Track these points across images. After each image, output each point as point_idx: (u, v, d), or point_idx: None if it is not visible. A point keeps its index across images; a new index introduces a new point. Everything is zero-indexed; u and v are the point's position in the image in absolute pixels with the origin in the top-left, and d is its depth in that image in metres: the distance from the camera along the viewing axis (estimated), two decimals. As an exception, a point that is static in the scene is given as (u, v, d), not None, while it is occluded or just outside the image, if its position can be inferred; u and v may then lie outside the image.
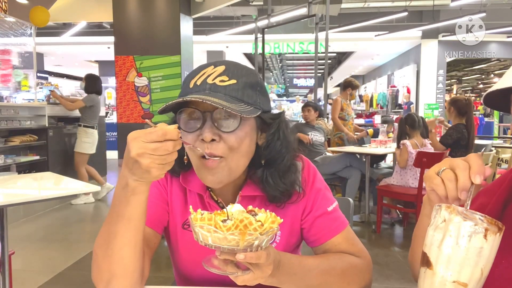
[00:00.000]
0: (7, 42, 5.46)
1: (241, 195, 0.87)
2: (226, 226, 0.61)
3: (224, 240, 0.61)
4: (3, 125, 4.28)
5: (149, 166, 0.63)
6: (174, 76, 6.65)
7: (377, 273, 2.88)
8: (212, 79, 0.78)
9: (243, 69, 0.82)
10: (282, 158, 0.84)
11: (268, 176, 0.84)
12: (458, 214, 0.49)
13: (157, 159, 0.63)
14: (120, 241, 0.71)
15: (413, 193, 3.48)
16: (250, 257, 0.62)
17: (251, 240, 0.62)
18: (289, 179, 0.85)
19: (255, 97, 0.80)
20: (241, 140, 0.78)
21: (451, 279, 0.48)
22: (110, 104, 15.88)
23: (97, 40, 12.12)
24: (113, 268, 0.73)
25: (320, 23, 5.91)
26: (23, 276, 2.80)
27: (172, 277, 1.08)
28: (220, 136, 0.76)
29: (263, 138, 0.85)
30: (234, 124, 0.76)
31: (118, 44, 6.17)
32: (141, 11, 6.10)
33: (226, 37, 11.21)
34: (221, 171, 0.78)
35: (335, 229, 0.88)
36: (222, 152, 0.77)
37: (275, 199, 0.86)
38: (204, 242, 0.64)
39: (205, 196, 0.88)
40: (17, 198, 1.64)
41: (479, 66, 16.45)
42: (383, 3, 10.55)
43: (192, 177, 0.88)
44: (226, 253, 0.64)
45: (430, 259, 0.50)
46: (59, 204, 4.77)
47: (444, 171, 0.58)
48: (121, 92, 6.44)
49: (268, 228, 0.63)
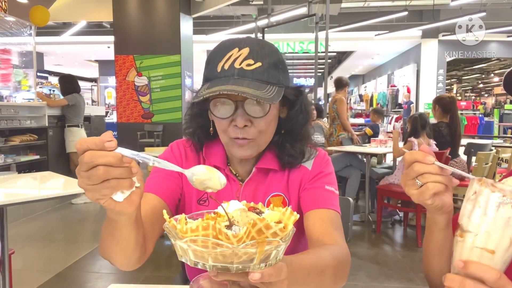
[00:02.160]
0: (7, 41, 5.45)
1: (256, 167, 0.94)
2: (236, 236, 0.44)
3: (233, 256, 0.44)
4: (3, 124, 4.28)
5: (92, 198, 0.54)
6: (174, 75, 6.64)
7: (377, 272, 2.88)
8: (239, 64, 0.82)
9: (265, 48, 0.86)
10: (300, 128, 0.94)
11: (285, 142, 0.93)
12: (488, 186, 0.52)
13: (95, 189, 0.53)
14: (115, 254, 0.72)
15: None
16: (269, 274, 0.47)
17: (270, 250, 0.45)
18: (304, 142, 0.95)
19: (279, 76, 0.86)
20: (269, 123, 0.87)
21: (479, 246, 0.51)
22: (110, 103, 15.89)
23: (97, 39, 12.11)
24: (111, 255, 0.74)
25: (320, 22, 5.90)
26: (23, 275, 2.79)
27: (173, 276, 1.08)
28: (252, 122, 0.84)
29: (285, 111, 0.93)
30: (264, 110, 0.83)
31: (118, 43, 6.17)
32: (141, 10, 6.10)
33: (226, 37, 11.10)
34: (251, 148, 0.87)
35: (325, 203, 0.91)
36: (253, 135, 0.85)
37: (290, 159, 0.93)
38: (197, 262, 0.46)
39: (226, 170, 0.95)
40: (17, 198, 1.64)
41: (479, 65, 16.45)
42: (383, 3, 10.55)
43: (214, 150, 0.96)
44: (226, 273, 0.46)
45: (461, 228, 0.54)
46: (59, 204, 4.76)
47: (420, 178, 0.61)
48: (121, 91, 6.44)
49: (290, 230, 0.47)
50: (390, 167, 4.64)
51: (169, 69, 6.42)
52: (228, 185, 0.93)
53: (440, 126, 3.76)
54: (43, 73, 14.33)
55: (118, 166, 0.52)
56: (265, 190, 0.95)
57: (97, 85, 17.46)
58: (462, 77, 21.15)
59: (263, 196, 0.95)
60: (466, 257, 0.52)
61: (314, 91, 7.64)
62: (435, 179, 0.60)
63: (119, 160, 0.52)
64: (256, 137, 0.86)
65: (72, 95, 4.97)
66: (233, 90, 0.77)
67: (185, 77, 6.66)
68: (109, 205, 0.55)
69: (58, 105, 4.98)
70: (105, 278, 2.80)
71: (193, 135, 0.97)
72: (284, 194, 0.96)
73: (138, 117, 6.20)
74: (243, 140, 0.85)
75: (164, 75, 6.48)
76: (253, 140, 0.86)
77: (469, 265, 0.50)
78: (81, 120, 5.11)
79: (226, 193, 0.93)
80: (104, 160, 0.51)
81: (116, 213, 0.59)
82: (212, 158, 0.96)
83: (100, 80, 17.09)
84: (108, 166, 0.51)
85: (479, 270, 0.50)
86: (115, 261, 0.74)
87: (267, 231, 0.44)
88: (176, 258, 2.28)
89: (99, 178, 0.51)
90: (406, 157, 0.63)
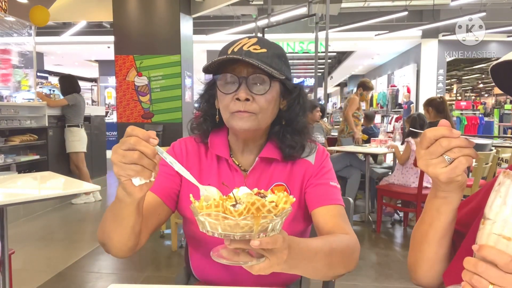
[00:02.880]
0: (7, 41, 5.45)
1: (260, 157, 0.99)
2: (237, 210, 0.57)
3: (236, 226, 0.57)
4: (3, 124, 4.27)
5: (117, 173, 0.66)
6: (174, 75, 6.64)
7: (377, 272, 2.88)
8: (247, 47, 0.91)
9: (272, 43, 0.97)
10: (298, 119, 0.99)
11: (286, 133, 0.98)
12: (510, 177, 0.54)
13: (123, 167, 0.64)
14: (113, 234, 0.82)
15: (413, 193, 3.48)
16: (266, 242, 0.59)
17: (265, 223, 0.58)
18: (303, 136, 1.00)
19: (281, 65, 0.94)
20: (269, 102, 0.92)
21: (496, 232, 0.53)
22: (110, 103, 15.89)
23: (97, 39, 12.11)
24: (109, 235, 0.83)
25: (320, 22, 5.91)
26: (23, 275, 2.79)
27: (173, 276, 1.09)
28: (253, 98, 0.90)
29: (285, 103, 0.99)
30: (264, 88, 0.91)
31: (118, 43, 6.17)
32: (141, 10, 6.10)
33: (226, 37, 11.19)
34: (251, 120, 0.91)
35: (332, 199, 0.97)
36: (254, 110, 0.91)
37: (290, 151, 0.98)
38: (212, 232, 0.60)
39: (229, 160, 0.99)
40: (17, 198, 1.64)
41: (479, 65, 16.44)
42: (383, 3, 10.54)
43: (218, 140, 1.01)
44: (237, 241, 0.60)
45: (484, 216, 0.55)
46: (59, 204, 4.76)
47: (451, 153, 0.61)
48: (121, 91, 6.44)
49: (282, 208, 0.60)
50: (390, 167, 4.64)
51: (169, 69, 6.43)
52: (231, 175, 0.99)
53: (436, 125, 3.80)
54: (43, 73, 14.33)
55: (149, 158, 0.64)
56: (268, 179, 1.00)
57: (97, 85, 17.46)
58: (462, 77, 21.15)
59: (266, 186, 0.99)
60: (484, 242, 0.53)
61: (314, 91, 7.64)
62: (466, 152, 0.60)
63: (153, 154, 0.65)
64: (257, 112, 0.91)
65: (72, 95, 4.97)
66: (239, 56, 0.87)
67: (185, 77, 6.66)
68: (127, 183, 0.67)
69: (58, 105, 4.98)
70: (105, 278, 2.80)
71: (200, 124, 1.02)
72: (286, 184, 1.00)
73: (138, 117, 6.19)
74: (244, 112, 0.90)
75: (164, 75, 6.48)
76: (254, 114, 0.91)
77: (483, 249, 0.52)
78: (81, 120, 5.11)
79: (230, 183, 0.97)
80: (143, 148, 0.63)
81: (127, 194, 0.70)
82: (216, 148, 1.00)
83: (100, 80, 17.09)
84: (143, 154, 0.63)
85: (491, 253, 0.51)
86: (111, 242, 0.83)
87: (263, 209, 0.58)
88: (176, 258, 2.30)
89: (132, 160, 0.63)
90: (428, 134, 0.62)
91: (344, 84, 27.67)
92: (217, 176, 0.99)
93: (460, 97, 21.89)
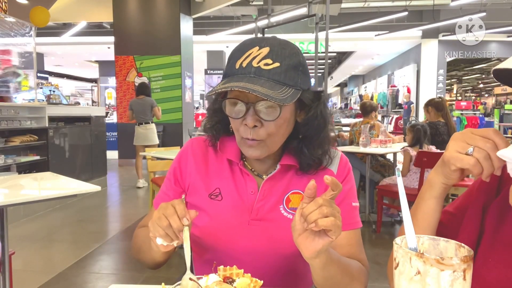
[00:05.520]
0: (7, 42, 5.45)
1: (281, 164, 0.94)
2: None
3: None
4: (3, 125, 4.28)
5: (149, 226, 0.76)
6: (174, 76, 6.64)
7: (377, 273, 2.88)
8: (257, 62, 0.83)
9: (286, 49, 0.86)
10: (319, 133, 0.92)
11: (304, 147, 0.92)
12: (433, 264, 0.47)
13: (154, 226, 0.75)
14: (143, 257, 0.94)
15: (413, 193, 3.48)
16: None
17: None
18: (323, 149, 0.94)
19: (297, 78, 0.85)
20: (280, 126, 0.86)
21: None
22: (110, 104, 15.90)
23: (97, 40, 12.13)
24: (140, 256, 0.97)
25: (320, 22, 5.90)
26: (24, 276, 2.80)
27: (173, 277, 1.08)
28: (262, 123, 0.84)
29: (303, 115, 0.91)
30: (274, 114, 0.83)
31: (118, 44, 6.17)
32: (141, 11, 6.09)
33: (226, 37, 11.20)
34: (260, 149, 0.88)
35: (352, 223, 0.94)
36: (262, 137, 0.85)
37: (308, 167, 0.94)
38: None
39: (240, 164, 0.96)
40: (17, 198, 1.64)
41: (479, 65, 16.46)
42: (383, 3, 10.55)
43: (229, 144, 0.97)
44: None
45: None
46: (59, 204, 4.77)
47: (476, 150, 0.60)
48: (121, 92, 6.44)
49: None
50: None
51: (169, 70, 6.43)
52: (241, 180, 0.95)
53: (437, 125, 3.88)
54: (44, 73, 14.34)
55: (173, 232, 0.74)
56: (285, 186, 0.95)
57: (97, 86, 17.48)
58: (462, 77, 21.16)
59: (282, 193, 0.95)
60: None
61: (314, 92, 7.63)
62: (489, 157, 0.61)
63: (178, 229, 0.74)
64: (265, 138, 0.86)
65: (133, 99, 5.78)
66: (244, 88, 0.77)
67: (185, 78, 6.66)
68: (152, 239, 0.77)
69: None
70: (105, 278, 2.80)
71: (211, 128, 0.98)
72: (303, 192, 0.97)
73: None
74: (252, 141, 0.86)
75: (164, 76, 6.48)
76: (263, 141, 0.86)
77: None
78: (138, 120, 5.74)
79: (241, 187, 0.94)
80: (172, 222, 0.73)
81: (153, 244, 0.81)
82: (227, 152, 0.97)
83: (100, 80, 17.10)
84: (170, 225, 0.73)
85: None
86: (143, 262, 0.95)
87: None
88: (176, 258, 2.27)
89: (160, 225, 0.74)
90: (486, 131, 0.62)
91: (344, 84, 27.69)
92: (230, 180, 0.96)
93: (460, 97, 21.92)
